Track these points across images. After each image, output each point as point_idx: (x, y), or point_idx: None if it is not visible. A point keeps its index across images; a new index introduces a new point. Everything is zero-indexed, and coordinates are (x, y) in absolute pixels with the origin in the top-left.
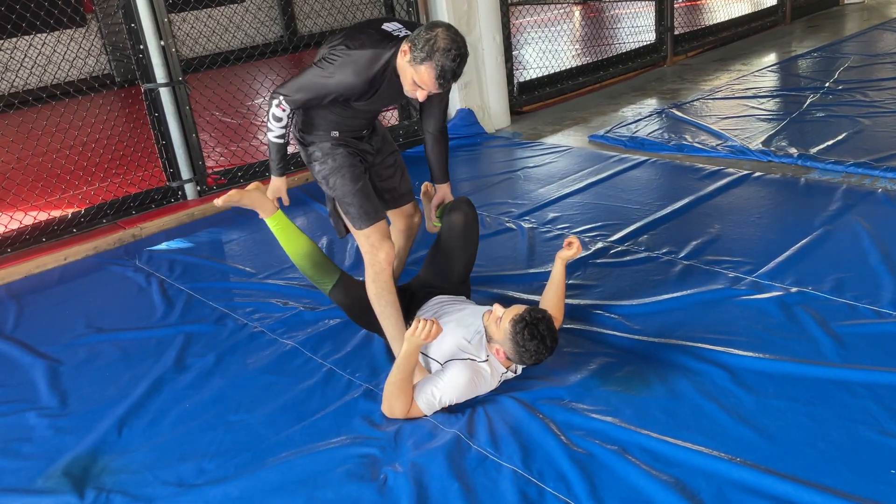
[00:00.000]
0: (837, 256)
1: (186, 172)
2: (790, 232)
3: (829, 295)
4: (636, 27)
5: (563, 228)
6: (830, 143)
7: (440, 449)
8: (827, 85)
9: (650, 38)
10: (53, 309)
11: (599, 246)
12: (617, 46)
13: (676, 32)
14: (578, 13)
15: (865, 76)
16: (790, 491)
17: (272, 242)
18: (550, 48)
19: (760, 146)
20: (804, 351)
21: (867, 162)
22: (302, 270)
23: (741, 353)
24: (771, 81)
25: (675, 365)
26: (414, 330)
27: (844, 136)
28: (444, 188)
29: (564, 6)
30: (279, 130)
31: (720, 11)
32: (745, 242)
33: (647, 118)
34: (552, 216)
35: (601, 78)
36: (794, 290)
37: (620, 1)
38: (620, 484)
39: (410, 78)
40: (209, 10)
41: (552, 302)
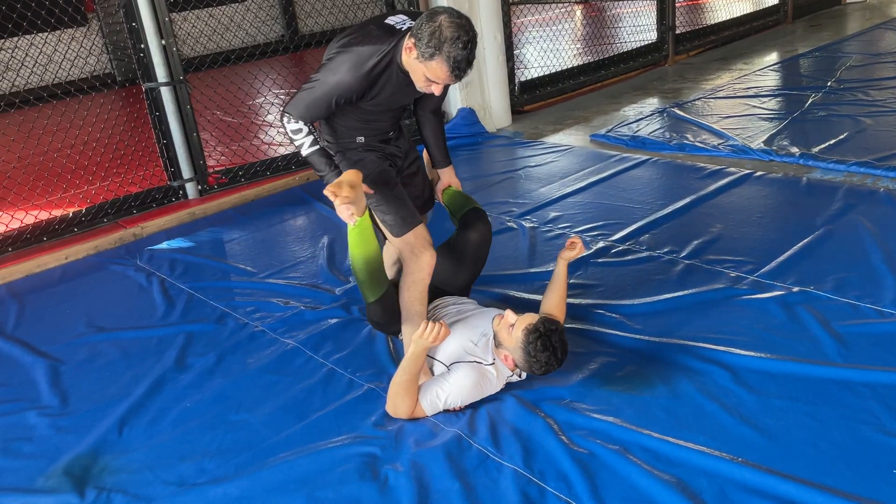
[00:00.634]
0: (839, 256)
1: (187, 172)
2: (792, 231)
3: (830, 294)
4: (637, 26)
5: (564, 228)
6: (832, 142)
7: (441, 448)
8: (829, 84)
9: (651, 37)
10: (54, 308)
11: (601, 245)
12: (618, 45)
13: (678, 31)
14: (580, 12)
15: (867, 75)
16: (792, 491)
17: (273, 242)
18: (552, 47)
19: (762, 145)
20: (806, 350)
21: (869, 161)
22: (356, 274)
23: (743, 352)
24: (772, 80)
25: (676, 364)
26: (422, 332)
27: (846, 135)
28: (448, 172)
29: (566, 5)
30: (308, 139)
31: (722, 10)
32: (746, 242)
33: (648, 117)
34: (553, 215)
35: (602, 77)
36: (795, 289)
37: (622, 0)
38: (622, 484)
39: (422, 74)
40: (210, 9)
41: (553, 302)
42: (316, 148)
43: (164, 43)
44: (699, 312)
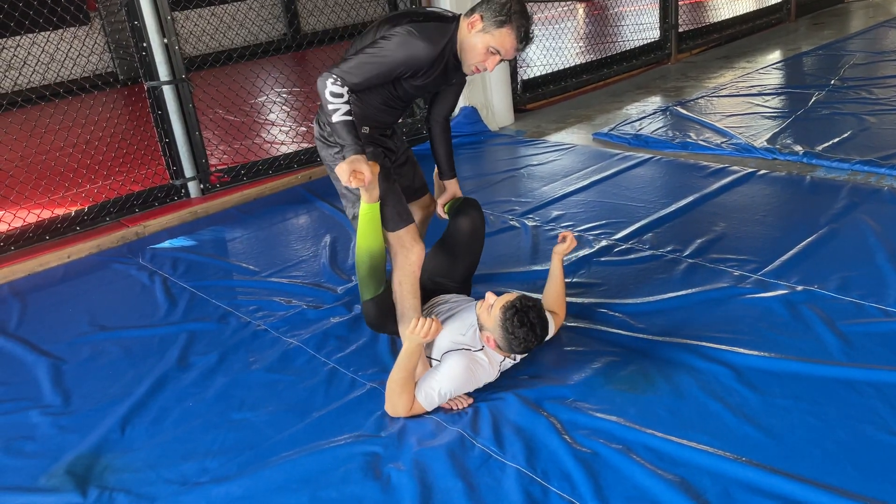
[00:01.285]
0: (843, 255)
1: (189, 170)
2: (795, 230)
3: (834, 293)
4: (640, 24)
5: (567, 226)
6: (836, 140)
7: (444, 447)
8: (832, 82)
9: (654, 35)
10: (57, 307)
11: (603, 244)
12: (621, 44)
13: (681, 30)
14: (582, 11)
15: (871, 73)
16: (796, 490)
17: (275, 240)
18: (554, 46)
19: (765, 144)
20: (810, 350)
21: (873, 160)
22: (358, 268)
23: (746, 351)
24: (776, 79)
25: (679, 364)
26: (413, 328)
27: (850, 133)
28: (452, 184)
29: (568, 4)
30: (344, 107)
31: (725, 9)
32: (750, 240)
33: (651, 116)
34: (556, 214)
35: (605, 76)
36: (799, 288)
37: None
38: (625, 483)
39: (484, 47)
40: (212, 7)
41: (553, 298)
42: (349, 118)
43: (166, 41)
44: (702, 311)
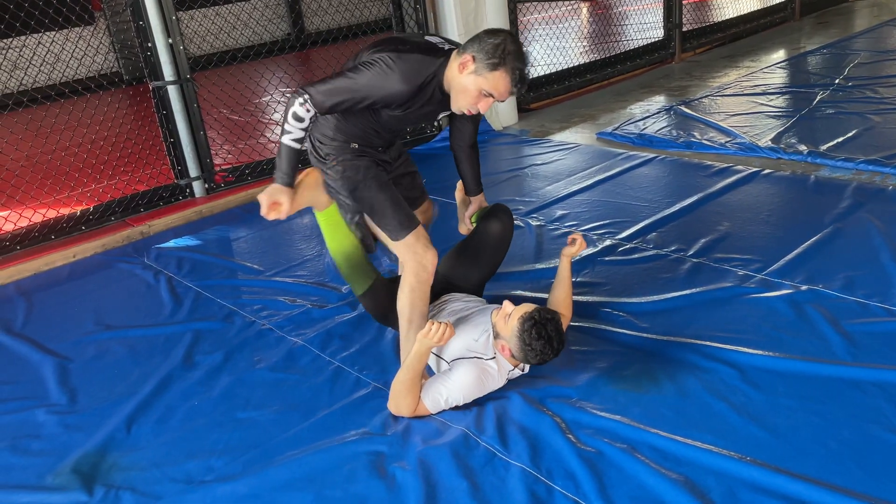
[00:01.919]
0: (848, 254)
1: (194, 170)
2: (800, 229)
3: (839, 293)
4: (644, 24)
5: (571, 226)
6: (840, 139)
7: (448, 446)
8: (837, 81)
9: (658, 34)
10: (62, 306)
11: (607, 243)
12: (625, 43)
13: (685, 29)
14: (586, 10)
15: (875, 73)
16: (800, 490)
17: (280, 240)
18: (558, 45)
19: (770, 143)
20: (814, 349)
21: (877, 159)
22: (339, 268)
23: (751, 351)
24: (780, 78)
25: (683, 363)
26: (427, 332)
27: (854, 132)
28: (479, 198)
29: (572, 3)
30: (298, 133)
31: (729, 8)
32: (754, 240)
33: (655, 115)
34: (560, 213)
35: (609, 75)
36: (804, 287)
37: None
38: (629, 482)
39: (476, 90)
40: (217, 7)
41: (559, 299)
42: (295, 146)
43: (170, 41)
44: (707, 311)
